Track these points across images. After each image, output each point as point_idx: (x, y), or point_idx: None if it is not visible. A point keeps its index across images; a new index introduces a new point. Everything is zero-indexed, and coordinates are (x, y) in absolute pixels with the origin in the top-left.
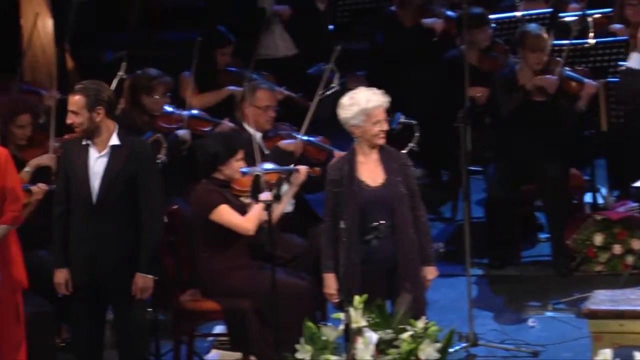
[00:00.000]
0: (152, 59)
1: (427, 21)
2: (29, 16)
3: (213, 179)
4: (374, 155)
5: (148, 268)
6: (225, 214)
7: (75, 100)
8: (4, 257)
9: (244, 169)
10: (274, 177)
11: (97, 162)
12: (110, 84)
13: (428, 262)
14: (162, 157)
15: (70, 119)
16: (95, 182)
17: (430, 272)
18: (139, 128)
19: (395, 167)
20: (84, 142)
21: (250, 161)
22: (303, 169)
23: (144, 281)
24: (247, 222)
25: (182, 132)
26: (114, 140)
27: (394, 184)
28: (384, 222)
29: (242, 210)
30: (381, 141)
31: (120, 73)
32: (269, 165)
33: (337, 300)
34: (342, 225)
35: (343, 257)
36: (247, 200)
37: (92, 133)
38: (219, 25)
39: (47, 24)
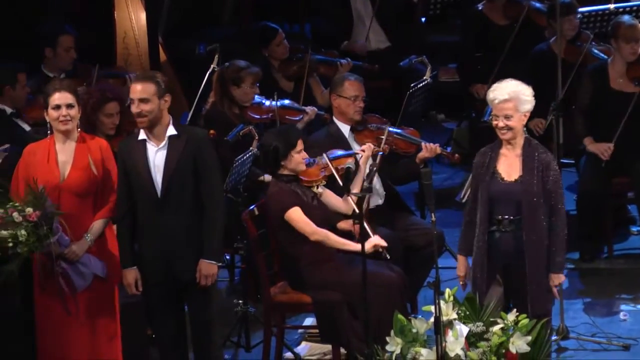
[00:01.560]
0: (245, 51)
1: None
2: (123, 9)
3: (280, 176)
4: (517, 150)
5: (211, 254)
6: (295, 216)
7: (146, 87)
8: (104, 249)
9: (307, 160)
10: (343, 162)
11: (157, 156)
12: (203, 76)
13: (554, 270)
14: (254, 149)
15: (139, 108)
16: (158, 175)
17: (552, 279)
18: (230, 120)
19: (535, 166)
20: (140, 138)
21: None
22: (367, 147)
23: (207, 267)
24: (313, 232)
25: None
26: (171, 131)
27: (529, 183)
28: (507, 217)
29: (314, 201)
30: (501, 136)
31: (213, 65)
32: (336, 152)
33: (462, 283)
34: (478, 211)
35: (474, 243)
36: (319, 190)
37: (155, 123)
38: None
39: (140, 17)
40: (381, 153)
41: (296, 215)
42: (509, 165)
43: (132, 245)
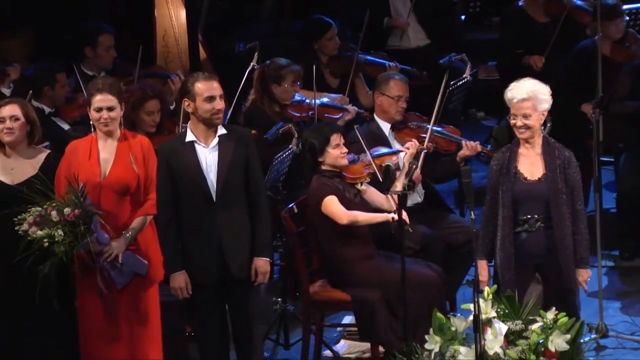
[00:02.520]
0: (284, 49)
1: None
2: (163, 7)
3: (322, 172)
4: (537, 149)
5: (265, 251)
6: (329, 204)
7: (219, 85)
8: (146, 247)
9: (351, 157)
10: (388, 160)
11: (209, 156)
12: (242, 74)
13: (580, 265)
14: (293, 147)
15: (220, 105)
16: (211, 175)
17: (581, 274)
18: (270, 118)
19: (557, 163)
20: (187, 140)
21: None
22: (411, 144)
23: (262, 265)
24: (345, 215)
25: None
26: (221, 130)
27: (553, 180)
28: (533, 216)
29: (356, 198)
30: (520, 135)
31: (253, 63)
32: (380, 150)
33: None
34: (499, 214)
35: (498, 245)
36: (362, 187)
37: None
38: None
39: (180, 15)
40: (425, 151)
41: (330, 202)
42: (531, 165)
43: (179, 249)
